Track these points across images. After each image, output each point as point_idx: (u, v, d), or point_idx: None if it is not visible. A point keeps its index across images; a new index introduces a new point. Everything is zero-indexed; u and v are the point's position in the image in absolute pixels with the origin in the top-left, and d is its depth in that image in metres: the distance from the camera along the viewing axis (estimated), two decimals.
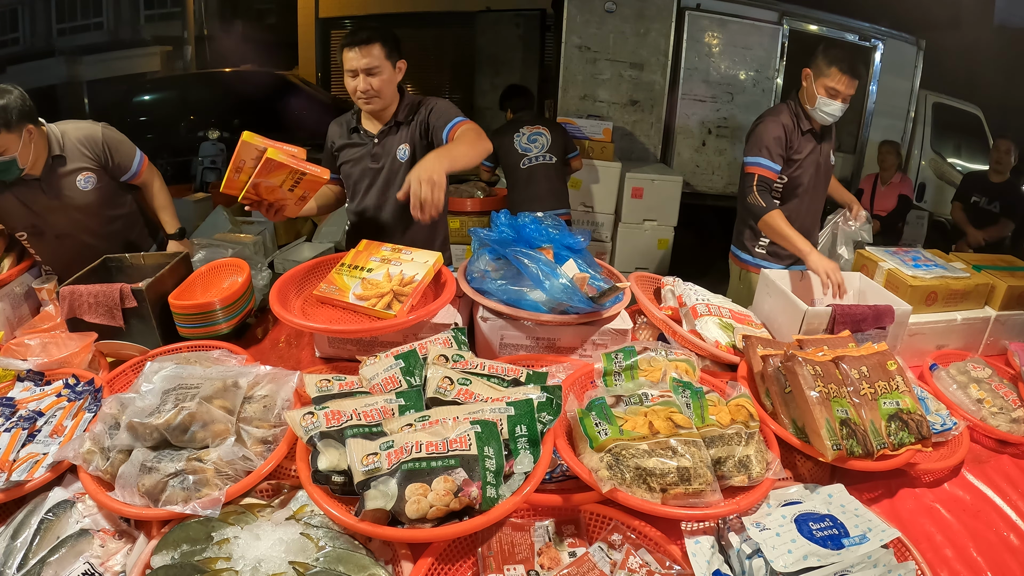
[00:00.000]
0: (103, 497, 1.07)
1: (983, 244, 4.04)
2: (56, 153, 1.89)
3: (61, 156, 1.90)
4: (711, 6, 4.61)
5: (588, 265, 1.69)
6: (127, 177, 2.08)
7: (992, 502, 1.36)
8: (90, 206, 1.99)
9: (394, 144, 1.99)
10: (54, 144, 1.89)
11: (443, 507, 0.99)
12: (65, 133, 1.94)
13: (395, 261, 1.67)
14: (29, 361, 1.42)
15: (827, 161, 2.33)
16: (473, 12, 7.06)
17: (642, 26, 4.52)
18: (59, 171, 1.91)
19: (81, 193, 1.95)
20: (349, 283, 1.63)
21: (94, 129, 1.99)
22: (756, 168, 2.19)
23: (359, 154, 2.01)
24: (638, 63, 4.61)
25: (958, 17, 5.18)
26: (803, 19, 4.78)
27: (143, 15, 7.06)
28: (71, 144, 1.94)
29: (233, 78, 6.50)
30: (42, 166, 1.87)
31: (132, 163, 2.07)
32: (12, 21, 6.07)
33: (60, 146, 1.91)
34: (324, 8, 7.86)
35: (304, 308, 1.65)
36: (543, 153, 3.45)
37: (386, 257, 1.70)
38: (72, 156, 1.93)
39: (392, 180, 2.00)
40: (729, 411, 1.23)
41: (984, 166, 4.41)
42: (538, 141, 3.47)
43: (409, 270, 1.62)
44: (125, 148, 2.05)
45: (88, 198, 1.97)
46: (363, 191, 2.05)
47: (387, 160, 1.99)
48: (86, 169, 1.95)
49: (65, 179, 1.92)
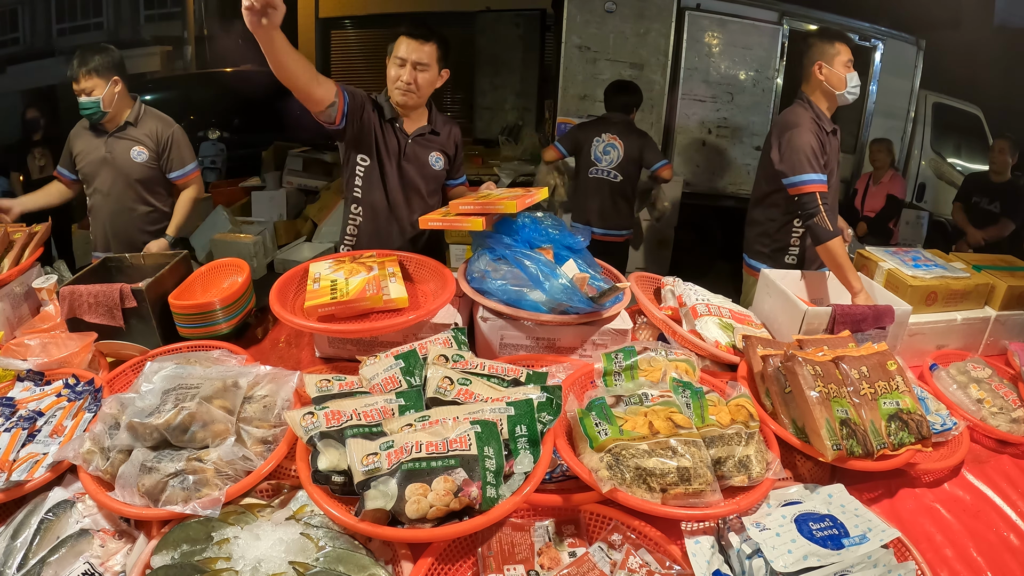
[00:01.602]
0: (103, 497, 1.07)
1: (983, 244, 4.04)
2: (130, 120, 2.30)
3: (133, 124, 2.31)
4: (711, 6, 4.60)
5: (588, 265, 1.70)
6: (173, 176, 2.40)
7: (992, 502, 1.36)
8: (132, 177, 2.32)
9: (426, 150, 2.03)
10: (133, 112, 2.31)
11: (443, 507, 0.99)
12: (147, 111, 2.35)
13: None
14: (29, 361, 1.42)
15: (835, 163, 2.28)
16: (473, 12, 7.06)
17: (642, 26, 4.52)
18: (125, 135, 2.30)
19: (131, 162, 2.31)
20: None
21: (169, 122, 2.38)
22: (814, 186, 2.04)
23: (392, 147, 2.00)
24: (638, 63, 4.61)
25: (958, 17, 5.17)
26: (803, 19, 4.78)
27: (143, 15, 7.05)
28: (146, 121, 2.33)
29: (233, 78, 6.50)
30: (116, 125, 2.29)
31: (183, 168, 2.41)
32: (12, 21, 6.06)
33: (137, 117, 2.31)
34: (324, 8, 7.85)
35: (304, 308, 1.65)
36: (610, 168, 3.39)
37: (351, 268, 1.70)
38: (141, 129, 2.31)
39: (418, 182, 2.04)
40: (729, 411, 1.23)
41: (984, 166, 4.41)
42: (611, 154, 3.39)
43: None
44: (184, 153, 2.40)
45: (134, 170, 2.32)
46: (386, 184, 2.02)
47: (416, 162, 2.02)
48: (144, 146, 2.31)
49: (125, 142, 2.30)
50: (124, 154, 2.29)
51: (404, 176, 2.03)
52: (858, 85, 2.14)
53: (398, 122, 1.99)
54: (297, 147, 5.87)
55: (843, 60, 2.11)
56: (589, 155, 3.41)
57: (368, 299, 1.52)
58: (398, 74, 1.89)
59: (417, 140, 2.01)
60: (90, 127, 2.31)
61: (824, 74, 2.14)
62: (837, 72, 2.11)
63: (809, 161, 2.06)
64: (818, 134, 2.11)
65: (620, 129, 3.39)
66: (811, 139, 2.08)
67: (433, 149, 2.05)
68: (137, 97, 2.35)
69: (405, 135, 2.00)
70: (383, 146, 1.99)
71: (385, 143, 1.99)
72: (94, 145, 2.30)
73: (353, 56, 7.94)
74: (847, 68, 2.11)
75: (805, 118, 2.13)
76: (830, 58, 2.12)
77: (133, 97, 2.33)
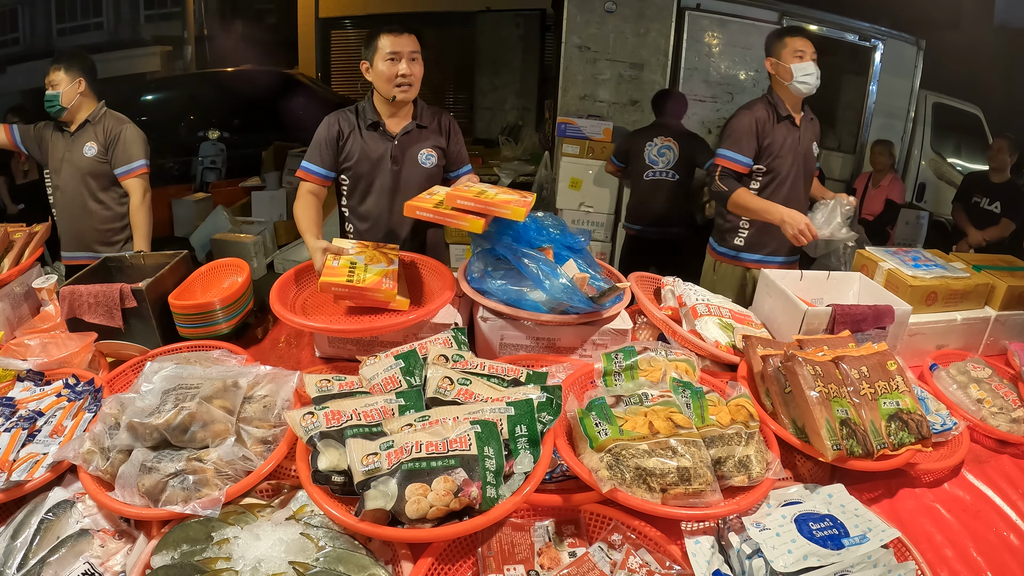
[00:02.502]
0: (103, 497, 1.07)
1: (984, 244, 4.03)
2: (89, 119, 2.37)
3: (91, 123, 2.38)
4: (711, 6, 4.60)
5: (588, 265, 1.69)
6: (119, 172, 2.40)
7: (992, 502, 1.36)
8: (83, 172, 2.38)
9: (415, 148, 1.95)
10: (94, 112, 2.39)
11: (443, 507, 0.99)
12: (108, 112, 2.43)
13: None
14: (29, 361, 1.42)
15: (809, 154, 2.33)
16: (473, 12, 7.06)
17: (642, 26, 4.52)
18: (83, 132, 2.38)
19: (83, 157, 2.37)
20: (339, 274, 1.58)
21: (123, 120, 2.44)
22: (721, 160, 2.25)
23: (376, 152, 1.93)
24: (638, 63, 4.60)
25: (958, 17, 5.17)
26: (803, 19, 4.77)
27: (143, 15, 7.05)
28: (102, 119, 2.40)
29: (233, 78, 6.50)
30: (78, 123, 2.37)
31: (128, 164, 2.40)
32: (12, 21, 6.06)
33: (96, 116, 2.39)
34: (324, 8, 7.85)
35: (304, 308, 1.65)
36: (667, 169, 3.52)
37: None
38: (97, 126, 2.39)
39: (409, 183, 1.95)
40: (729, 411, 1.23)
41: (984, 166, 4.41)
42: (666, 156, 3.52)
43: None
44: (131, 149, 2.40)
45: (84, 164, 2.38)
46: (376, 192, 1.97)
47: (406, 163, 1.95)
48: (96, 141, 2.37)
49: (81, 140, 2.37)
50: (79, 150, 2.37)
51: (393, 181, 1.95)
52: (810, 74, 2.19)
53: (381, 125, 1.93)
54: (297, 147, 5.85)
55: (790, 51, 2.19)
56: (643, 159, 3.55)
57: (382, 292, 1.51)
58: (396, 69, 1.82)
59: (403, 140, 1.94)
60: (56, 127, 2.41)
61: (773, 68, 2.26)
62: (784, 64, 2.20)
63: (728, 139, 2.25)
64: (759, 119, 2.23)
65: (672, 132, 3.54)
66: (744, 121, 2.23)
67: (423, 146, 1.96)
68: (102, 102, 2.44)
69: (390, 137, 1.93)
70: (365, 155, 1.93)
71: (367, 152, 1.93)
72: (60, 144, 2.40)
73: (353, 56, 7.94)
74: (795, 58, 2.18)
75: (754, 104, 2.29)
76: (777, 52, 2.23)
77: (99, 100, 2.43)
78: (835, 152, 5.42)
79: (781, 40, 2.23)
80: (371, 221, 2.00)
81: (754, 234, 2.36)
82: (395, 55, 1.82)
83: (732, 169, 2.23)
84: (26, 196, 4.33)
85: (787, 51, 2.20)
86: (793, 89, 2.22)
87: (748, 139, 2.22)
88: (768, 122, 2.24)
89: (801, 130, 2.29)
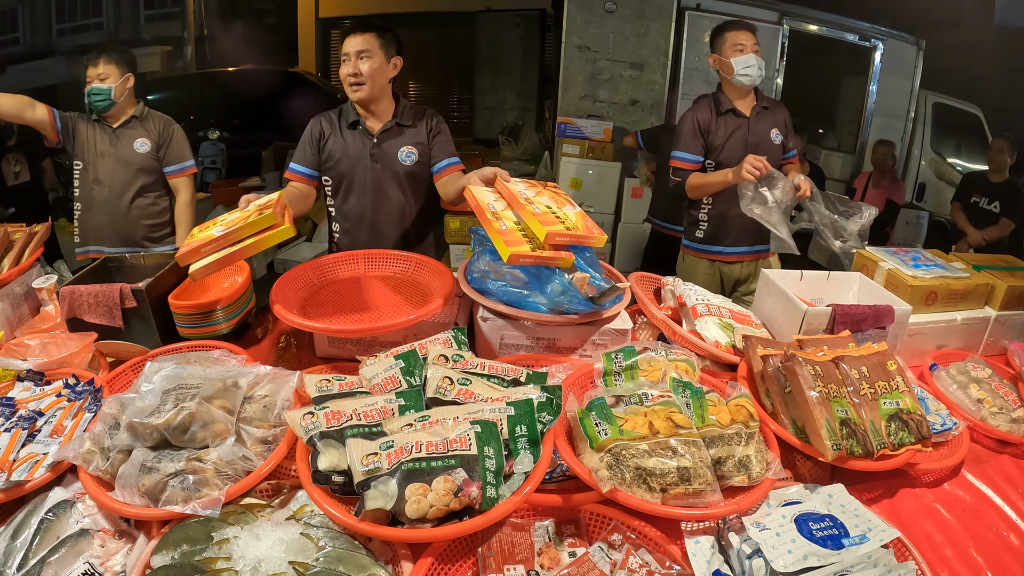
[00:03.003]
0: (103, 497, 1.07)
1: (984, 244, 4.03)
2: (136, 115, 2.41)
3: (138, 119, 2.41)
4: (711, 6, 4.61)
5: (589, 264, 1.69)
6: (170, 170, 2.47)
7: (992, 502, 1.35)
8: (131, 167, 2.40)
9: (395, 146, 1.97)
10: (138, 110, 2.42)
11: (443, 507, 0.99)
12: (152, 110, 2.47)
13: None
14: (29, 361, 1.42)
15: (765, 143, 2.34)
16: (473, 12, 7.06)
17: (642, 26, 4.52)
18: (129, 128, 2.40)
19: (134, 152, 2.40)
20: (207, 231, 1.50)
21: (171, 121, 2.49)
22: (673, 162, 2.37)
23: (356, 151, 1.97)
24: (638, 63, 4.61)
25: (958, 17, 5.17)
26: (803, 19, 4.78)
27: (143, 15, 7.05)
28: (151, 118, 2.44)
29: (233, 78, 6.50)
30: (121, 120, 2.39)
31: (180, 163, 2.48)
32: (12, 21, 6.06)
33: (142, 113, 2.43)
34: (324, 8, 7.86)
35: (304, 308, 1.65)
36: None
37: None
38: (145, 123, 2.42)
39: (391, 181, 1.98)
40: (729, 411, 1.23)
41: (984, 166, 4.41)
42: None
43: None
44: (183, 149, 2.49)
45: (134, 159, 2.40)
46: (357, 191, 2.00)
47: (385, 161, 1.97)
48: (148, 138, 2.41)
49: (130, 135, 2.40)
50: (128, 145, 2.39)
51: (373, 179, 1.97)
52: (750, 66, 2.23)
53: (361, 124, 1.96)
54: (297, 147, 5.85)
55: (730, 45, 2.23)
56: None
57: (595, 238, 1.42)
58: (345, 70, 1.88)
59: (382, 138, 1.96)
60: (92, 120, 2.38)
61: (716, 63, 2.33)
62: (725, 58, 2.26)
63: (680, 140, 2.36)
64: (701, 118, 2.33)
65: None
66: (687, 123, 2.34)
67: (403, 144, 1.97)
68: (141, 100, 2.47)
69: (369, 135, 1.95)
70: (346, 155, 1.96)
71: (347, 151, 1.96)
72: (100, 138, 2.39)
73: None
74: (735, 52, 2.23)
75: (697, 103, 2.42)
76: (719, 47, 2.28)
77: (138, 100, 2.46)
78: (835, 152, 5.43)
79: (721, 36, 2.28)
80: (353, 220, 2.04)
81: (712, 227, 2.44)
82: (346, 56, 1.87)
83: (684, 168, 2.34)
84: (19, 199, 4.27)
85: (727, 46, 2.25)
86: (736, 82, 2.27)
87: (693, 138, 2.32)
88: (711, 118, 2.32)
89: (751, 120, 2.33)
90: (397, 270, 1.84)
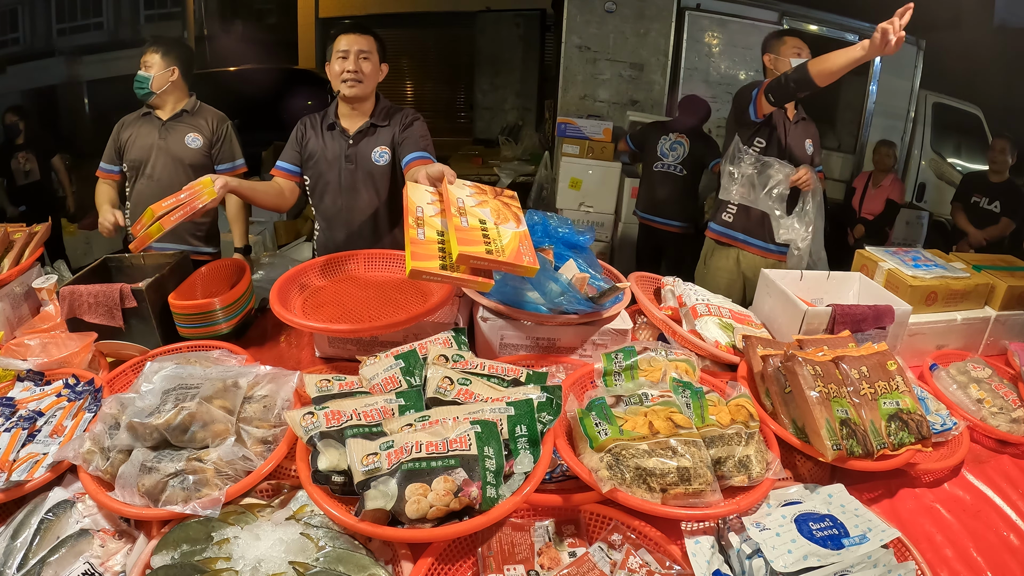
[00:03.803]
0: (103, 497, 1.07)
1: (984, 244, 4.03)
2: (187, 109, 2.34)
3: (189, 112, 2.35)
4: (711, 6, 4.61)
5: (589, 265, 1.69)
6: (222, 168, 2.39)
7: (992, 502, 1.36)
8: (184, 162, 2.32)
9: (369, 146, 2.00)
10: (190, 103, 2.36)
11: (443, 507, 0.99)
12: (204, 104, 2.41)
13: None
14: (29, 361, 1.42)
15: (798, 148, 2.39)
16: (473, 12, 7.06)
17: (642, 26, 4.52)
18: (181, 122, 2.33)
19: (185, 148, 2.32)
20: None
21: (224, 117, 2.43)
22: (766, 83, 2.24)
23: (333, 152, 2.00)
24: (638, 63, 4.62)
25: (958, 17, 5.16)
26: (803, 19, 4.78)
27: (143, 15, 7.04)
28: (203, 112, 2.38)
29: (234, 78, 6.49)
30: (171, 113, 2.32)
31: (232, 161, 2.42)
32: (12, 21, 6.06)
33: (193, 107, 2.36)
34: (324, 8, 7.85)
35: (304, 308, 1.65)
36: (676, 163, 3.67)
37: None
38: (196, 119, 2.35)
39: (365, 182, 2.01)
40: (729, 411, 1.23)
41: (984, 166, 4.41)
42: (677, 151, 3.68)
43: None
44: (235, 147, 2.42)
45: (186, 155, 2.32)
46: (332, 191, 2.03)
47: (360, 161, 1.99)
48: (200, 133, 2.34)
49: (181, 129, 2.33)
50: (179, 140, 2.32)
51: (349, 179, 2.00)
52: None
53: (338, 125, 1.99)
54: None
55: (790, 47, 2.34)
56: (655, 151, 3.70)
57: (524, 268, 1.21)
58: (342, 66, 1.89)
59: (358, 138, 1.99)
60: (144, 115, 2.35)
61: (772, 63, 2.38)
62: (783, 58, 2.33)
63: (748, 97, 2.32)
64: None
65: (687, 130, 3.67)
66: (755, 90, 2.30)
67: (377, 144, 1.99)
68: (194, 94, 2.42)
69: (346, 136, 1.99)
70: (323, 155, 1.99)
71: (325, 152, 1.99)
72: (145, 132, 2.33)
73: None
74: (794, 53, 2.32)
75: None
76: (776, 48, 2.37)
77: (191, 93, 2.41)
78: (835, 152, 5.43)
79: (781, 39, 2.37)
80: (330, 220, 2.07)
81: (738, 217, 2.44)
82: (344, 52, 1.88)
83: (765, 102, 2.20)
84: (28, 197, 4.32)
85: (786, 47, 2.33)
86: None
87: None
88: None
89: (790, 126, 2.38)
90: (397, 270, 1.84)
